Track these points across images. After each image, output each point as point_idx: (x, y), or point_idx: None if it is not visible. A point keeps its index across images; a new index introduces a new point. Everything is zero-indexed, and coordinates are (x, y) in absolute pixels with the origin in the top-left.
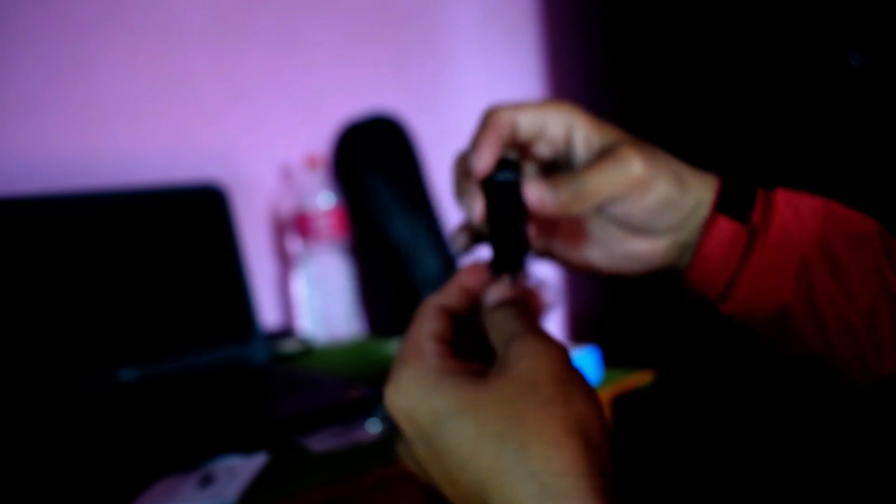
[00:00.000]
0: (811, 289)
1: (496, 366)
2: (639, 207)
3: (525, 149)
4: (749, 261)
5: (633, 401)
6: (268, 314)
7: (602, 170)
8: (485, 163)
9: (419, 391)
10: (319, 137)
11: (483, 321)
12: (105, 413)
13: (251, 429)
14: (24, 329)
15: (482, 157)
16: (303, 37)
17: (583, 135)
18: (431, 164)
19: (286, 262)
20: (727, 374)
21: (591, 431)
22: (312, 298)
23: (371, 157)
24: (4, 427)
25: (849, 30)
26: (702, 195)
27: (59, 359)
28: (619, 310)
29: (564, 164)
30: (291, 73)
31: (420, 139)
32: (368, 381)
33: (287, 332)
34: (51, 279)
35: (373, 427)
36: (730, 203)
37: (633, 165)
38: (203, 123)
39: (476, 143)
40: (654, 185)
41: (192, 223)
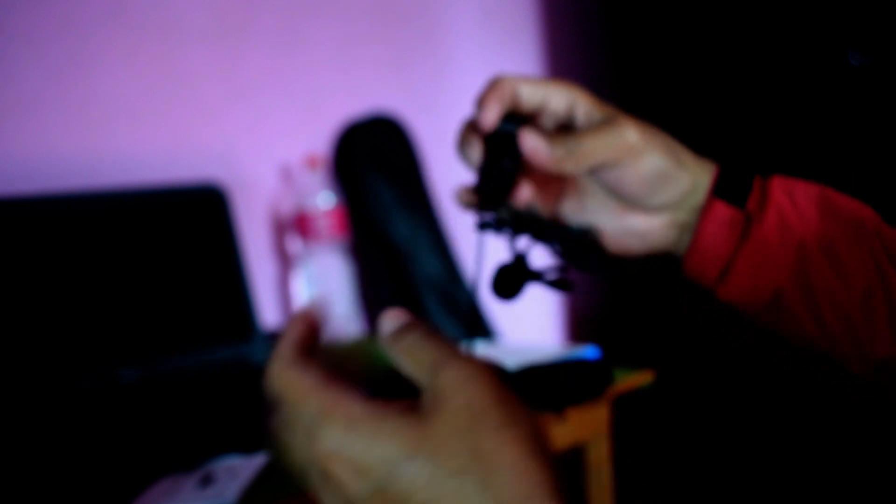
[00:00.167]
0: (806, 274)
1: (428, 398)
2: (632, 175)
3: (530, 121)
4: (745, 246)
5: (633, 401)
6: (268, 314)
7: (598, 134)
8: (490, 116)
9: (361, 441)
10: (319, 137)
11: (389, 350)
12: (105, 413)
13: (251, 429)
14: (25, 329)
15: (488, 112)
16: (303, 37)
17: (584, 110)
18: (431, 164)
19: (286, 262)
20: (727, 373)
21: (544, 450)
22: (312, 298)
23: (371, 157)
24: (5, 427)
25: (849, 30)
26: (700, 177)
27: (60, 359)
28: (619, 310)
29: None
30: (291, 73)
31: (420, 139)
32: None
33: None
34: (51, 279)
35: None
36: (727, 188)
37: (628, 132)
38: (203, 123)
39: (482, 101)
40: (648, 155)
41: (192, 223)
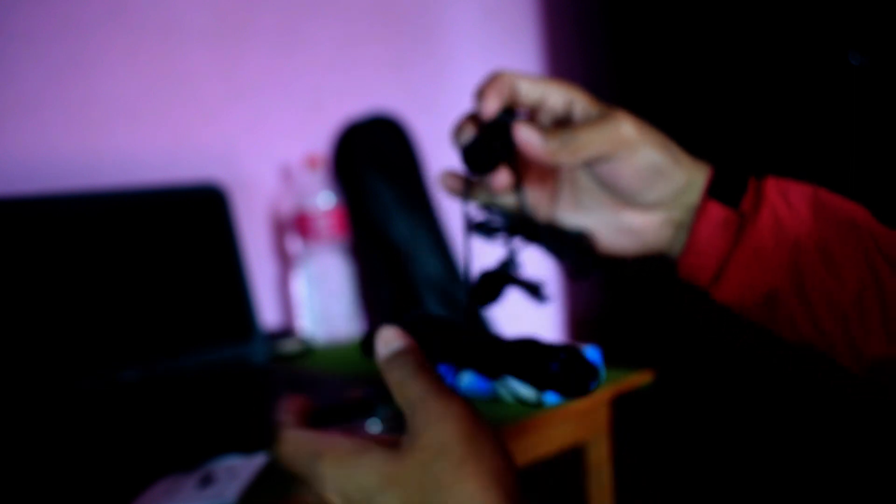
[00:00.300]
0: (801, 274)
1: (407, 434)
2: (627, 169)
3: (529, 117)
4: (739, 246)
5: (633, 401)
6: (268, 314)
7: (593, 127)
8: (490, 107)
9: (344, 472)
10: (319, 137)
11: (383, 376)
12: (106, 413)
13: (251, 429)
14: (25, 329)
15: (487, 102)
16: (303, 37)
17: (581, 107)
18: (431, 164)
19: (286, 262)
20: (726, 373)
21: (506, 482)
22: (312, 298)
23: (371, 157)
24: (6, 427)
25: (849, 30)
26: (695, 176)
27: (60, 359)
28: (619, 310)
29: None
30: (291, 73)
31: (420, 139)
32: (368, 381)
33: (287, 332)
34: (51, 279)
35: (373, 427)
36: (721, 189)
37: (623, 125)
38: (203, 123)
39: (482, 92)
40: (643, 148)
41: (192, 223)
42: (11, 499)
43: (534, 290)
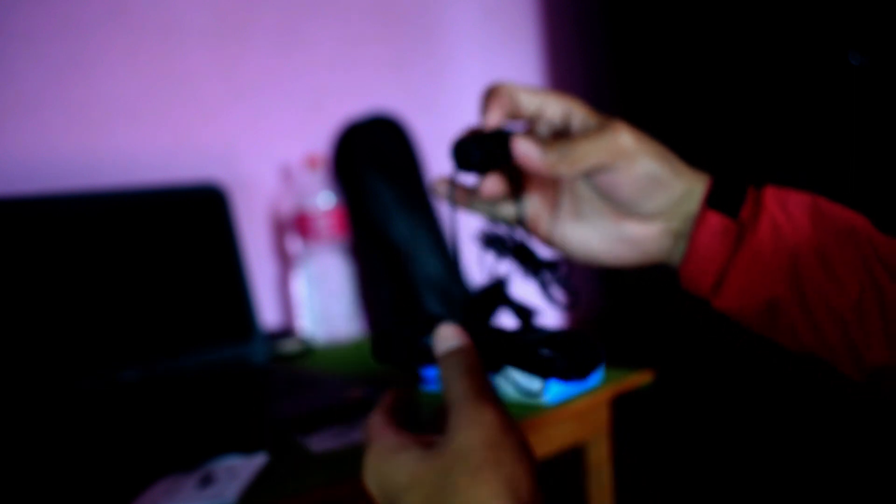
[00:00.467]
0: (801, 282)
1: (442, 435)
2: (626, 179)
3: (527, 128)
4: (739, 255)
5: (633, 401)
6: (268, 314)
7: (592, 138)
8: (493, 119)
9: (383, 466)
10: (319, 137)
11: (439, 370)
12: (106, 413)
13: (251, 429)
14: (26, 329)
15: (490, 115)
16: (303, 37)
17: (580, 118)
18: (431, 164)
19: (286, 262)
20: (727, 373)
21: (521, 491)
22: (312, 298)
23: (371, 157)
24: (5, 426)
25: (849, 30)
26: (694, 186)
27: (60, 359)
28: (619, 310)
29: None
30: (291, 73)
31: (420, 139)
32: (368, 381)
33: (287, 332)
34: (51, 279)
35: None
36: (720, 198)
37: (622, 136)
38: (203, 123)
39: (485, 106)
40: (641, 159)
41: (192, 223)
42: (11, 499)
43: (524, 315)
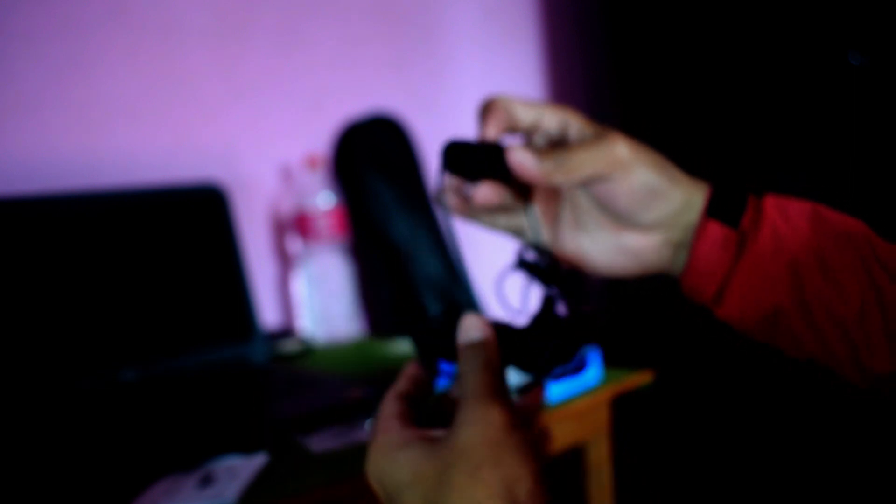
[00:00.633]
0: (803, 290)
1: (448, 430)
2: (623, 189)
3: (525, 140)
4: (740, 264)
5: (633, 401)
6: (268, 314)
7: (587, 147)
8: (491, 133)
9: (385, 462)
10: (319, 137)
11: (458, 361)
12: (105, 413)
13: (251, 429)
14: (25, 329)
15: (489, 128)
16: (303, 37)
17: (576, 128)
18: (431, 164)
19: (286, 262)
20: (727, 373)
21: (518, 492)
22: (312, 298)
23: (371, 157)
24: (5, 426)
25: (849, 30)
26: (693, 196)
27: (60, 359)
28: (619, 310)
29: None
30: (291, 73)
31: (420, 139)
32: (368, 381)
33: (287, 332)
34: (51, 279)
35: (371, 427)
36: (720, 208)
37: (618, 146)
38: (203, 123)
39: (482, 119)
40: (638, 168)
41: (192, 223)
42: (11, 499)
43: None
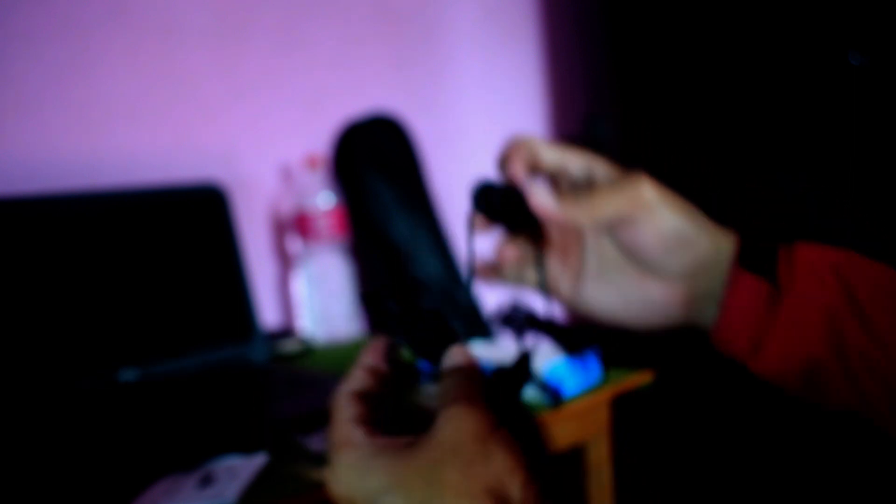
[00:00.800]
0: (842, 343)
1: (425, 434)
2: (650, 234)
3: (550, 183)
4: (776, 317)
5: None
6: (268, 314)
7: (613, 187)
8: (516, 170)
9: (354, 475)
10: (319, 137)
11: (438, 382)
12: (105, 413)
13: (251, 429)
14: (25, 329)
15: (514, 167)
16: (303, 37)
17: (602, 173)
18: (431, 164)
19: (286, 262)
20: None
21: (511, 485)
22: (312, 298)
23: (371, 157)
24: (5, 427)
25: (849, 30)
26: (720, 245)
27: (60, 359)
28: None
29: None
30: (291, 73)
31: (420, 139)
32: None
33: (287, 332)
34: (51, 279)
35: None
36: (752, 259)
37: (643, 187)
38: (203, 123)
39: (505, 159)
40: (664, 212)
41: (192, 223)
42: (12, 499)
43: (550, 392)
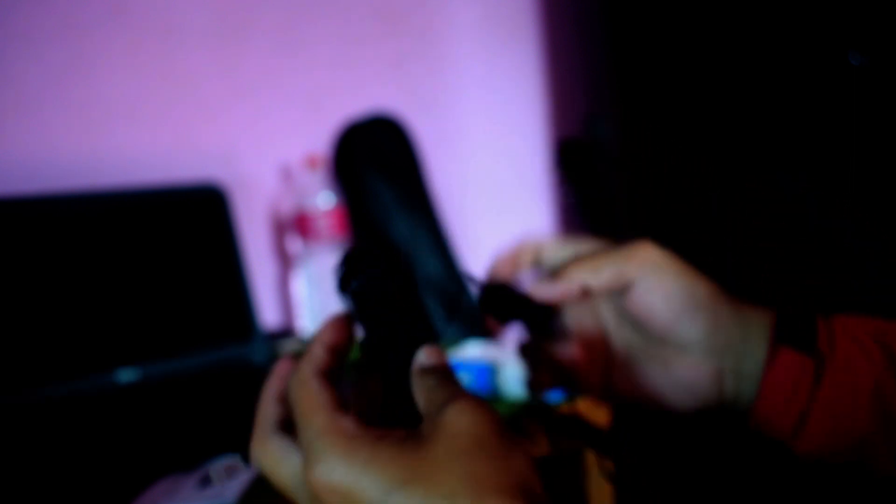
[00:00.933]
0: (889, 416)
1: (429, 426)
2: (658, 296)
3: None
4: (820, 392)
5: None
6: (268, 314)
7: (615, 250)
8: (505, 271)
9: (357, 466)
10: (319, 137)
11: (413, 383)
12: (106, 413)
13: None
14: (25, 329)
15: (503, 268)
16: (303, 37)
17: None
18: (431, 164)
19: (286, 262)
20: None
21: (535, 485)
22: (312, 298)
23: (371, 157)
24: (5, 427)
25: (849, 30)
26: (751, 319)
27: (60, 359)
28: None
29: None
30: (291, 73)
31: (420, 139)
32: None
33: (287, 332)
34: (51, 279)
35: None
36: (791, 333)
37: (646, 248)
38: (203, 123)
39: (500, 259)
40: (669, 272)
41: (192, 223)
42: (11, 499)
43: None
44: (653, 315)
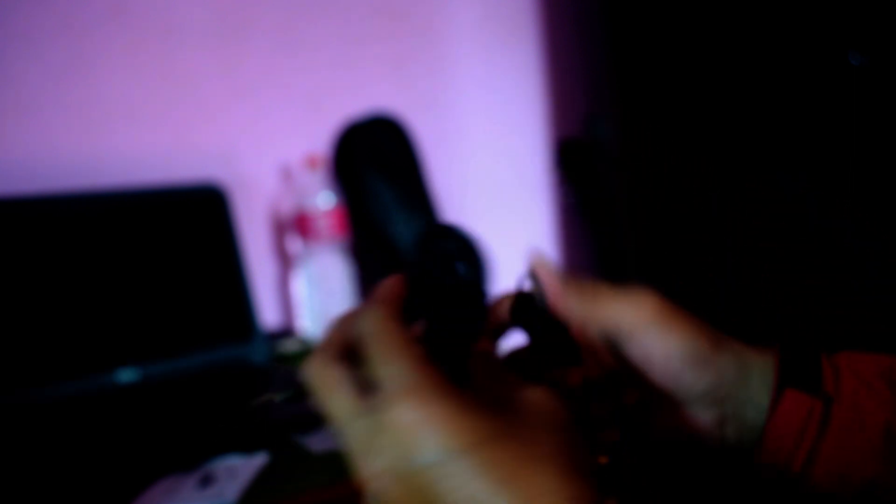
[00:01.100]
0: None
1: (511, 404)
2: (659, 346)
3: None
4: (827, 433)
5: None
6: (268, 314)
7: (617, 293)
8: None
9: (450, 409)
10: (319, 137)
11: (473, 362)
12: (106, 413)
13: (251, 429)
14: (25, 329)
15: (548, 278)
16: (303, 37)
17: None
18: (431, 164)
19: (286, 262)
20: None
21: (587, 481)
22: (312, 298)
23: (371, 157)
24: (6, 427)
25: (849, 30)
26: (751, 362)
27: (60, 359)
28: None
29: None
30: (291, 73)
31: (420, 139)
32: None
33: (287, 332)
34: (51, 279)
35: None
36: (795, 373)
37: (648, 297)
38: (203, 123)
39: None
40: (671, 324)
41: (192, 223)
42: (12, 500)
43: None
44: (651, 370)
